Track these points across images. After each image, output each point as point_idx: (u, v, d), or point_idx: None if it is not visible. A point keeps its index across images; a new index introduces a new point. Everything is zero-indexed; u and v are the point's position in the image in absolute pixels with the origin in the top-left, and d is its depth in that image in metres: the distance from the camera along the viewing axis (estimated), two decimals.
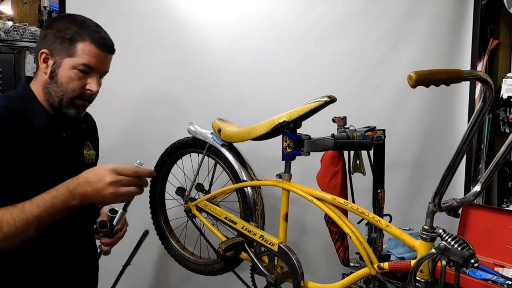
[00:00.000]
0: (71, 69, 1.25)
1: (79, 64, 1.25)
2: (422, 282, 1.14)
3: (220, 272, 1.78)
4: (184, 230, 1.97)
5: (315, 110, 1.43)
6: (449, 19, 2.34)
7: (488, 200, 2.52)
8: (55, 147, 1.30)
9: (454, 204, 1.13)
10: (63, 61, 1.25)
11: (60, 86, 1.26)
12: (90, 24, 1.30)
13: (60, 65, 1.25)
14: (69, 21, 1.28)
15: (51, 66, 1.26)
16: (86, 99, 1.32)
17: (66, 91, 1.26)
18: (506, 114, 2.43)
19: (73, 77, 1.26)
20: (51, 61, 1.26)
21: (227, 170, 1.73)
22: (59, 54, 1.25)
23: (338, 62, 2.28)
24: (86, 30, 1.27)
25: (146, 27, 2.19)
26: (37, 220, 1.10)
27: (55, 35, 1.25)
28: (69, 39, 1.25)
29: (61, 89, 1.26)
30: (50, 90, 1.27)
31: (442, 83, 0.95)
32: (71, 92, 1.27)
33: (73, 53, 1.25)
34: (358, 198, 1.70)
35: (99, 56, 1.29)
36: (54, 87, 1.26)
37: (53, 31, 1.26)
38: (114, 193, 1.12)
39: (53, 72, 1.26)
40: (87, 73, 1.28)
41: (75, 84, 1.27)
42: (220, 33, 2.22)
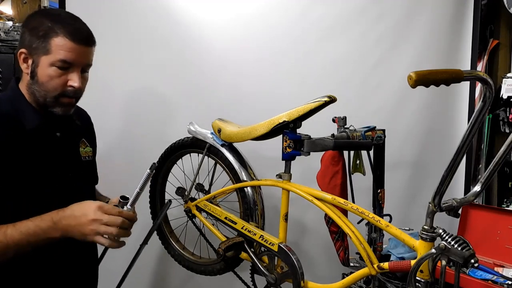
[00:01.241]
0: (50, 67, 1.21)
1: (56, 61, 1.20)
2: (422, 282, 1.14)
3: (220, 272, 1.78)
4: (184, 230, 1.97)
5: (315, 110, 1.43)
6: (449, 19, 2.34)
7: (488, 200, 2.52)
8: (49, 147, 1.28)
9: (454, 204, 1.13)
10: (40, 59, 1.21)
11: (41, 85, 1.22)
12: (64, 17, 1.25)
13: (38, 64, 1.21)
14: (42, 16, 1.23)
15: (30, 66, 1.23)
16: (71, 96, 1.27)
17: (48, 90, 1.23)
18: (506, 114, 2.43)
19: (53, 75, 1.21)
20: (30, 60, 1.23)
21: (227, 170, 1.73)
22: (36, 53, 1.21)
23: (338, 62, 2.28)
24: (59, 24, 1.21)
25: (145, 27, 2.19)
26: (16, 246, 1.12)
27: (30, 34, 1.21)
28: (43, 35, 1.20)
29: (43, 88, 1.23)
30: (34, 91, 1.24)
31: (442, 83, 0.95)
32: (53, 91, 1.23)
33: (48, 50, 1.20)
34: (358, 198, 1.70)
35: (76, 50, 1.22)
36: (36, 87, 1.23)
37: (28, 30, 1.22)
38: (94, 230, 1.13)
39: (33, 72, 1.22)
40: (66, 69, 1.23)
41: (56, 82, 1.22)
42: (220, 33, 2.22)
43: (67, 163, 1.33)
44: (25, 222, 1.13)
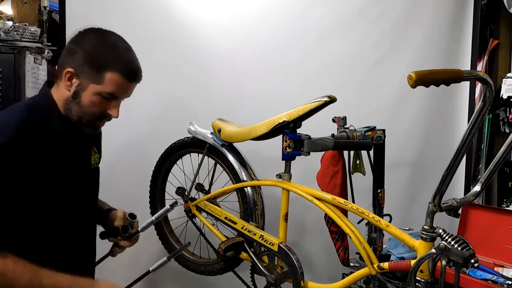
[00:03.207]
0: (95, 95, 1.23)
1: (104, 92, 1.23)
2: (422, 282, 1.14)
3: (220, 272, 1.78)
4: (184, 230, 1.96)
5: (315, 110, 1.43)
6: (449, 19, 2.34)
7: (488, 200, 2.52)
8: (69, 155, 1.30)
9: (454, 204, 1.13)
10: (88, 85, 1.22)
11: (81, 107, 1.24)
12: (122, 51, 1.26)
13: (85, 89, 1.23)
14: (101, 43, 1.24)
15: (75, 86, 1.23)
16: (104, 120, 1.32)
17: (87, 113, 1.26)
18: (506, 114, 2.43)
19: (96, 102, 1.24)
20: (75, 81, 1.23)
21: (227, 170, 1.73)
22: (85, 78, 1.22)
23: (338, 62, 2.28)
24: (117, 59, 1.23)
25: (145, 27, 2.19)
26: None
27: (84, 58, 1.21)
28: (99, 66, 1.21)
29: (82, 110, 1.25)
30: (71, 108, 1.25)
31: (442, 83, 0.95)
32: (91, 115, 1.26)
33: (100, 81, 1.22)
34: (358, 198, 1.70)
35: (126, 86, 1.27)
36: (75, 107, 1.25)
37: (83, 52, 1.22)
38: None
39: (77, 93, 1.23)
40: (109, 99, 1.26)
41: (97, 109, 1.26)
42: (220, 33, 2.22)
43: (79, 171, 1.36)
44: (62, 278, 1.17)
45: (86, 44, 1.23)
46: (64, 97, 1.26)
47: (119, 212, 1.48)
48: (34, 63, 2.50)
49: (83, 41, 1.24)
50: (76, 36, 1.27)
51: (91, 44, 1.23)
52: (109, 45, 1.25)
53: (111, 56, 1.23)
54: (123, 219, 1.45)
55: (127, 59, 1.26)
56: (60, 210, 1.26)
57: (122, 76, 1.24)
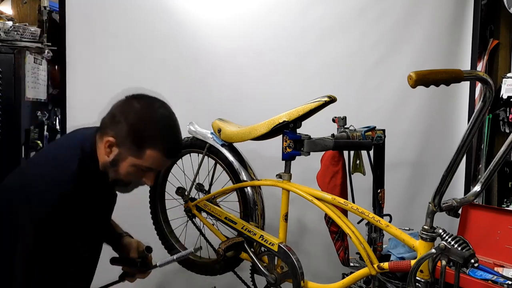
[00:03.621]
0: (133, 166, 1.23)
1: (143, 166, 1.24)
2: (422, 282, 1.14)
3: (220, 272, 1.77)
4: (184, 230, 1.96)
5: (315, 110, 1.43)
6: (449, 19, 2.34)
7: (488, 200, 2.52)
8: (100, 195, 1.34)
9: (454, 204, 1.13)
10: (127, 157, 1.22)
11: (118, 174, 1.25)
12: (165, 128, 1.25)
13: (124, 160, 1.23)
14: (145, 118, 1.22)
15: (114, 155, 1.23)
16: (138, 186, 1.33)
17: (122, 179, 1.27)
18: (506, 114, 2.43)
19: (133, 172, 1.25)
20: (115, 149, 1.23)
21: (227, 170, 1.73)
22: (125, 149, 1.22)
23: (338, 62, 2.28)
24: (159, 138, 1.22)
25: (145, 27, 2.19)
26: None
27: (127, 132, 1.20)
28: (140, 142, 1.20)
29: (118, 176, 1.26)
30: (108, 171, 1.26)
31: (442, 83, 0.95)
32: (127, 182, 1.28)
33: (140, 156, 1.22)
34: (358, 198, 1.70)
35: (165, 162, 1.28)
36: (112, 172, 1.26)
37: (126, 125, 1.21)
38: None
39: (115, 161, 1.24)
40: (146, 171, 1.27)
41: (133, 177, 1.27)
42: (220, 33, 2.22)
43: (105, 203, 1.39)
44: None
45: (130, 116, 1.22)
46: (102, 160, 1.26)
47: (133, 242, 1.51)
48: (34, 63, 2.50)
49: (128, 111, 1.23)
50: (121, 103, 1.26)
51: (135, 117, 1.21)
52: (152, 121, 1.23)
53: (154, 135, 1.22)
54: (137, 251, 1.48)
55: (169, 139, 1.26)
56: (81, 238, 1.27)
57: (162, 155, 1.24)
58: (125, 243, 1.50)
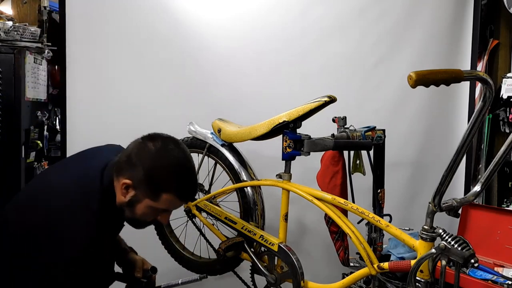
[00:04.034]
0: (149, 208, 1.25)
1: (159, 208, 1.25)
2: (422, 282, 1.14)
3: (220, 272, 1.77)
4: (184, 230, 1.96)
5: (315, 110, 1.43)
6: (449, 19, 2.34)
7: (488, 200, 2.52)
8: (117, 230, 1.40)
9: (454, 204, 1.13)
10: (144, 199, 1.23)
11: (134, 214, 1.27)
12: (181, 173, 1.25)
13: (140, 201, 1.24)
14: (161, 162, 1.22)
15: (131, 196, 1.24)
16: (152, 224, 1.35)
17: (138, 220, 1.29)
18: (506, 114, 2.43)
19: (149, 213, 1.27)
20: (131, 191, 1.23)
21: (227, 170, 1.73)
22: (141, 192, 1.22)
23: (338, 62, 2.28)
24: (175, 183, 1.23)
25: (145, 27, 2.19)
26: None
27: (143, 175, 1.21)
28: (157, 187, 1.22)
29: (134, 216, 1.27)
30: (124, 210, 1.27)
31: (442, 83, 0.95)
32: (142, 221, 1.30)
33: (156, 199, 1.23)
34: (358, 198, 1.70)
35: (180, 204, 1.30)
36: (128, 212, 1.27)
37: (143, 169, 1.21)
38: None
39: (131, 203, 1.24)
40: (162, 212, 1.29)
41: (148, 217, 1.29)
42: (219, 32, 2.22)
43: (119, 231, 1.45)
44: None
45: (145, 160, 1.22)
46: (119, 200, 1.27)
47: (139, 260, 1.52)
48: (34, 63, 2.50)
49: (145, 156, 1.23)
50: (138, 146, 1.26)
51: (151, 162, 1.22)
52: (168, 166, 1.23)
53: (169, 180, 1.22)
54: (141, 269, 1.50)
55: (185, 182, 1.26)
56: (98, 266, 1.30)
57: (178, 198, 1.25)
58: (130, 260, 1.52)
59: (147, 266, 1.53)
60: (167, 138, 1.29)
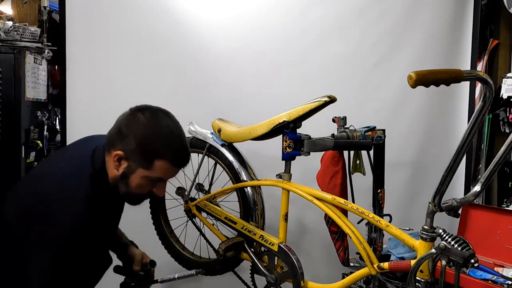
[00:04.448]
0: (143, 178, 1.25)
1: (153, 177, 1.25)
2: (422, 282, 1.14)
3: (220, 272, 1.77)
4: (184, 230, 1.96)
5: (315, 110, 1.43)
6: (449, 19, 2.34)
7: (488, 200, 2.52)
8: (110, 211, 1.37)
9: (454, 204, 1.13)
10: (137, 169, 1.24)
11: (129, 188, 1.27)
12: (172, 140, 1.26)
13: (133, 172, 1.24)
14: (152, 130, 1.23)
15: (123, 168, 1.24)
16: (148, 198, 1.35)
17: (134, 193, 1.29)
18: (506, 114, 2.43)
19: (144, 184, 1.26)
20: (124, 162, 1.24)
21: (227, 170, 1.73)
22: (134, 162, 1.23)
23: (338, 62, 2.28)
24: (167, 149, 1.24)
25: (145, 27, 2.19)
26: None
27: (135, 144, 1.22)
28: (149, 154, 1.22)
29: (129, 190, 1.27)
30: (118, 185, 1.27)
31: (442, 83, 0.95)
32: (137, 194, 1.30)
33: (149, 167, 1.23)
34: (358, 198, 1.70)
35: (174, 171, 1.29)
36: (122, 186, 1.27)
37: (134, 139, 1.22)
38: None
39: (125, 175, 1.25)
40: (157, 181, 1.29)
41: (143, 189, 1.28)
42: (219, 33, 2.22)
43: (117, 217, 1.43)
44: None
45: (137, 129, 1.23)
46: (112, 175, 1.27)
47: (138, 254, 1.52)
48: (34, 63, 2.50)
49: (135, 125, 1.24)
50: (127, 117, 1.27)
51: (143, 131, 1.23)
52: (160, 133, 1.24)
53: (162, 146, 1.23)
54: (140, 263, 1.49)
55: (177, 148, 1.27)
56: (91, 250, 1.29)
57: (171, 164, 1.25)
58: (130, 254, 1.52)
59: (146, 260, 1.53)
60: (156, 108, 1.30)
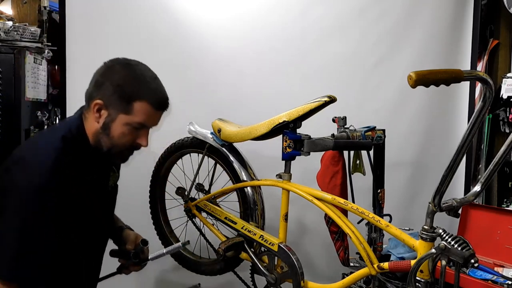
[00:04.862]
0: (125, 125, 1.24)
1: (134, 122, 1.24)
2: (422, 282, 1.14)
3: (220, 272, 1.77)
4: (184, 230, 1.96)
5: (315, 110, 1.43)
6: (449, 19, 2.34)
7: (488, 200, 2.52)
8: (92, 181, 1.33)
9: (454, 204, 1.13)
10: (117, 116, 1.23)
11: (111, 139, 1.26)
12: (149, 81, 1.27)
13: (114, 120, 1.24)
14: (128, 74, 1.24)
15: (104, 118, 1.24)
16: (133, 150, 1.33)
17: (117, 145, 1.27)
18: (506, 114, 2.43)
19: (126, 132, 1.25)
20: (104, 112, 1.24)
21: (227, 170, 1.73)
22: (114, 109, 1.23)
23: (338, 62, 2.28)
24: (144, 89, 1.24)
25: (145, 27, 2.19)
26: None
27: (112, 89, 1.22)
28: (127, 96, 1.22)
29: (112, 141, 1.26)
30: (101, 140, 1.27)
31: (442, 83, 0.95)
32: (121, 146, 1.28)
33: (129, 111, 1.23)
34: (358, 198, 1.70)
35: (154, 115, 1.28)
36: (105, 138, 1.26)
37: (111, 84, 1.22)
38: None
39: (106, 125, 1.24)
40: (139, 129, 1.28)
41: (127, 139, 1.27)
42: (220, 33, 2.22)
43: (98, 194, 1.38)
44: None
45: (113, 76, 1.24)
46: (93, 129, 1.27)
47: (132, 235, 1.51)
48: (34, 63, 2.50)
49: (110, 73, 1.25)
50: (102, 68, 1.28)
51: (119, 75, 1.24)
52: (136, 75, 1.25)
53: (139, 86, 1.24)
54: (134, 243, 1.47)
55: (155, 88, 1.27)
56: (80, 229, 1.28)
57: (151, 105, 1.25)
58: (124, 236, 1.50)
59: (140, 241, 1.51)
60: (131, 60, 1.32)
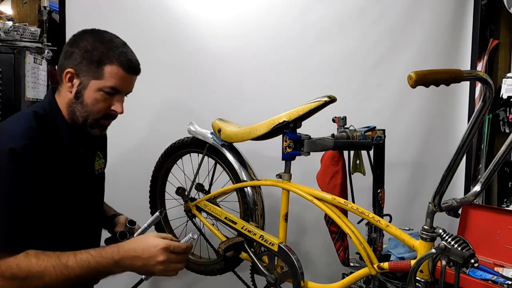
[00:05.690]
0: (98, 91, 1.24)
1: (106, 86, 1.24)
2: (422, 282, 1.14)
3: (220, 272, 1.77)
4: (184, 230, 1.96)
5: (315, 110, 1.43)
6: (449, 19, 2.34)
7: (488, 200, 2.53)
8: (73, 162, 1.31)
9: (454, 204, 1.12)
10: (89, 82, 1.24)
11: (85, 107, 1.25)
12: (117, 45, 1.27)
13: (86, 87, 1.24)
14: (96, 40, 1.25)
15: (76, 86, 1.24)
16: (110, 119, 1.33)
17: (92, 112, 1.26)
18: (506, 114, 2.44)
19: (99, 99, 1.25)
20: (76, 81, 1.24)
21: (227, 170, 1.73)
22: (85, 75, 1.24)
23: (338, 62, 2.28)
24: (113, 52, 1.25)
25: (145, 27, 2.19)
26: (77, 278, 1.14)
27: (82, 56, 1.23)
28: (97, 61, 1.23)
29: (86, 109, 1.26)
30: (75, 110, 1.26)
31: (442, 83, 0.94)
32: (96, 113, 1.27)
33: (100, 76, 1.23)
34: (358, 198, 1.70)
35: (126, 79, 1.28)
36: (79, 107, 1.26)
37: (80, 51, 1.23)
38: (163, 269, 1.19)
39: (79, 93, 1.25)
40: (113, 94, 1.27)
41: (101, 105, 1.27)
42: (220, 32, 2.22)
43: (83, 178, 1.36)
44: (86, 255, 1.16)
45: (82, 43, 1.25)
46: (67, 100, 1.27)
47: (121, 218, 1.51)
48: (34, 63, 2.50)
49: (79, 41, 1.26)
50: (71, 39, 1.29)
51: (87, 42, 1.25)
52: (104, 40, 1.26)
53: (108, 50, 1.24)
54: (124, 226, 1.47)
55: (124, 52, 1.28)
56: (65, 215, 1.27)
57: (121, 68, 1.25)
58: (114, 221, 1.51)
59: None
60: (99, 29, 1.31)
